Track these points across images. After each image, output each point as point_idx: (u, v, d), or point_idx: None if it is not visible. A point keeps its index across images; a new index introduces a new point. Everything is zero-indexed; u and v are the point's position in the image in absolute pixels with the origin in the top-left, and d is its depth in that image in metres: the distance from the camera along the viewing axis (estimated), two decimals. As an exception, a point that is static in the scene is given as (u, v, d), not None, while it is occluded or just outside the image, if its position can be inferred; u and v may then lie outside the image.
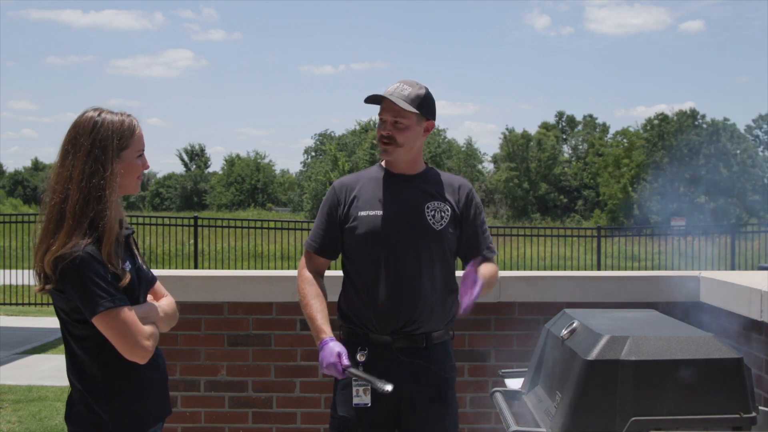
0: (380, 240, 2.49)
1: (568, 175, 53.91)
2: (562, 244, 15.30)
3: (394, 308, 2.46)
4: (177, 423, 3.43)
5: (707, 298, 3.35)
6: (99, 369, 2.03)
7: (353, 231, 2.52)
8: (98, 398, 2.03)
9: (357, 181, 2.62)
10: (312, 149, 65.59)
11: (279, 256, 15.38)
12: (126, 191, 2.12)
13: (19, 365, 7.47)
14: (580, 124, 59.35)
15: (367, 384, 2.42)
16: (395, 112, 2.48)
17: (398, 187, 2.56)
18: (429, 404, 2.50)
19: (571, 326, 2.07)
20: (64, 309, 2.02)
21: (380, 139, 2.54)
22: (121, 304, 1.97)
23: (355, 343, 2.51)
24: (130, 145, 2.08)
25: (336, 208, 2.58)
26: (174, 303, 2.29)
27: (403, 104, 2.46)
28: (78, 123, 2.06)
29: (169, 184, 69.25)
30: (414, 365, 2.48)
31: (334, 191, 2.61)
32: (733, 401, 1.81)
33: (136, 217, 15.29)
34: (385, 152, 2.53)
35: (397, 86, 2.52)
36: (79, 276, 1.93)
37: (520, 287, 3.43)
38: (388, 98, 2.48)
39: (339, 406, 2.52)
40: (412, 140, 2.52)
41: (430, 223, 2.50)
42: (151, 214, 38.96)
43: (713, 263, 14.18)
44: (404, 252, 2.48)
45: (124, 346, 1.98)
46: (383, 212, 2.51)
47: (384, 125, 2.52)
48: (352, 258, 2.57)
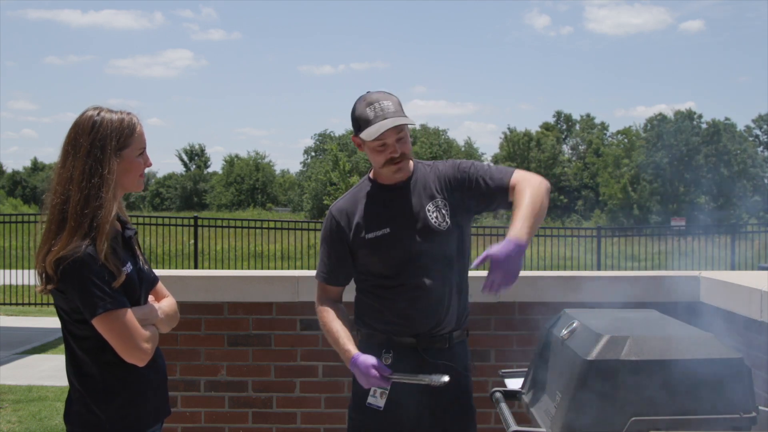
0: (394, 257, 2.44)
1: (568, 175, 53.89)
2: (562, 244, 15.30)
3: (418, 317, 2.43)
4: (177, 423, 3.43)
5: (707, 298, 3.35)
6: (98, 369, 2.03)
7: (366, 256, 2.48)
8: (97, 398, 2.03)
9: (353, 203, 2.53)
10: (312, 149, 65.62)
11: (279, 256, 15.38)
12: (128, 189, 2.11)
13: (19, 365, 7.47)
14: (578, 124, 59.30)
15: (386, 387, 2.38)
16: (398, 129, 2.38)
17: (395, 198, 2.50)
18: (452, 405, 2.47)
19: (571, 326, 2.07)
20: (65, 309, 2.02)
21: (390, 161, 2.42)
22: (121, 306, 1.96)
23: (378, 345, 2.47)
24: (131, 144, 2.07)
25: (340, 236, 2.51)
26: (175, 304, 2.29)
27: (406, 120, 2.38)
28: (78, 123, 2.05)
29: (169, 184, 69.26)
30: (438, 366, 2.44)
31: (334, 219, 2.53)
32: (733, 401, 1.81)
33: (136, 217, 15.28)
34: (400, 170, 2.44)
35: (382, 106, 2.38)
36: (79, 277, 1.93)
37: (520, 287, 3.43)
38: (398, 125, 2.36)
39: (358, 408, 2.48)
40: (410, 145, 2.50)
41: (435, 225, 2.46)
42: (151, 214, 38.97)
43: (713, 263, 14.18)
44: (420, 262, 2.44)
45: (122, 348, 1.98)
46: (390, 229, 2.45)
47: (388, 148, 2.40)
48: (368, 279, 2.52)
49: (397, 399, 2.41)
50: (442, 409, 2.47)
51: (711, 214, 39.06)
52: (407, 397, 2.42)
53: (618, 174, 46.64)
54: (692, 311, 3.38)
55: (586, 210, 50.99)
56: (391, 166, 2.43)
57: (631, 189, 44.73)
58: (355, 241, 2.49)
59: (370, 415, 2.43)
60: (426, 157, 45.42)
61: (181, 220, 15.11)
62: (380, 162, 2.43)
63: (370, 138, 2.35)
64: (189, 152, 70.83)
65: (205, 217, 16.54)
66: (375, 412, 2.42)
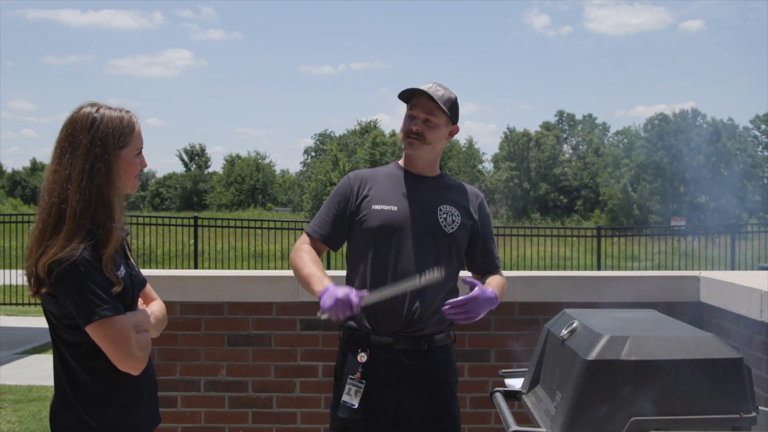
0: (390, 235, 2.48)
1: (568, 175, 53.90)
2: (562, 244, 15.30)
3: (397, 307, 2.45)
4: (177, 423, 3.43)
5: (707, 298, 3.35)
6: (90, 377, 1.95)
7: (363, 223, 2.51)
8: (89, 407, 1.94)
9: (373, 175, 2.63)
10: (312, 149, 65.63)
11: (279, 256, 15.38)
12: (124, 190, 2.03)
13: (19, 365, 7.47)
14: (580, 124, 59.32)
15: (361, 386, 2.41)
16: (429, 109, 2.49)
17: (414, 186, 2.57)
18: (429, 408, 2.49)
19: (571, 326, 2.07)
20: (55, 314, 1.94)
21: (408, 133, 2.53)
22: (117, 313, 1.88)
23: (355, 344, 2.50)
24: (129, 143, 1.99)
25: (348, 198, 2.56)
26: (164, 307, 2.22)
27: (440, 102, 2.48)
28: (75, 119, 1.96)
29: (169, 184, 69.22)
30: (415, 368, 2.47)
31: (349, 181, 2.60)
32: (733, 401, 1.81)
33: (136, 217, 15.29)
34: (411, 146, 2.52)
35: (433, 86, 2.53)
36: (75, 282, 1.84)
37: (520, 287, 3.43)
38: (423, 95, 2.48)
39: (339, 408, 2.50)
40: (438, 140, 2.54)
41: (441, 225, 2.51)
42: (151, 214, 38.94)
43: (713, 263, 14.18)
44: (412, 250, 2.48)
45: (117, 357, 1.90)
46: (397, 208, 2.51)
47: (415, 121, 2.51)
48: (359, 251, 2.55)
49: (376, 399, 2.44)
50: (420, 410, 2.48)
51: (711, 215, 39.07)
52: (385, 397, 2.44)
53: (618, 174, 46.66)
54: (692, 311, 3.39)
55: (586, 210, 51.00)
56: (407, 138, 2.53)
57: (631, 189, 44.75)
58: (359, 207, 2.53)
59: (349, 415, 2.45)
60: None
61: (181, 220, 15.12)
62: (402, 130, 2.56)
63: (401, 97, 2.54)
64: (189, 152, 70.80)
65: (205, 217, 16.55)
66: (352, 411, 2.44)
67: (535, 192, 52.05)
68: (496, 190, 51.76)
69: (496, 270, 2.69)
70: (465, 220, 2.57)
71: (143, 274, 2.18)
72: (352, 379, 2.44)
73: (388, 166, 2.69)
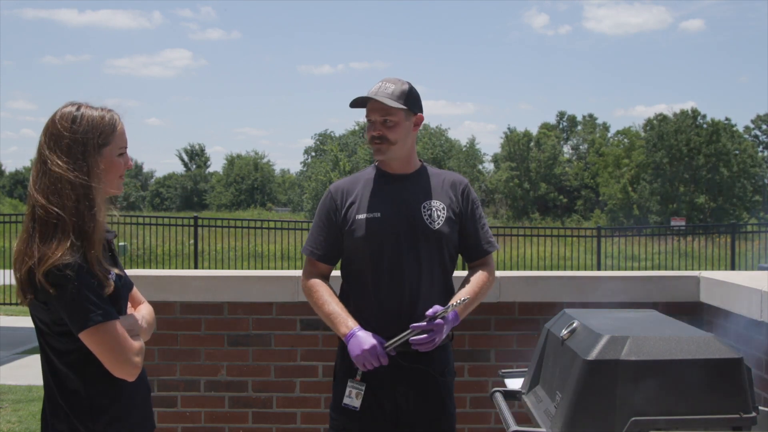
0: (380, 242, 2.49)
1: (569, 175, 53.88)
2: (562, 244, 15.30)
3: (395, 310, 2.46)
4: (177, 423, 3.43)
5: (707, 298, 3.35)
6: (83, 385, 1.89)
7: (352, 234, 2.52)
8: (83, 416, 1.89)
9: (353, 183, 2.62)
10: (312, 149, 65.60)
11: (279, 256, 15.38)
12: (108, 191, 1.97)
13: (19, 365, 7.47)
14: (580, 125, 59.31)
15: (361, 388, 2.44)
16: (383, 111, 2.49)
17: (394, 187, 2.57)
18: (427, 409, 2.50)
19: (571, 326, 2.07)
20: (45, 321, 1.88)
21: (372, 140, 2.54)
22: (111, 318, 1.84)
23: None
24: (111, 142, 1.94)
25: (334, 213, 2.57)
26: (152, 310, 2.17)
27: (389, 101, 2.47)
28: (56, 119, 1.91)
29: (169, 184, 69.25)
30: (413, 369, 2.48)
31: (330, 195, 2.61)
32: (733, 401, 1.81)
33: (136, 217, 15.30)
34: (379, 152, 2.53)
35: (380, 85, 2.52)
36: (68, 288, 1.79)
37: (520, 287, 3.43)
38: (373, 99, 2.48)
39: (338, 408, 2.52)
40: (403, 137, 2.52)
41: (426, 222, 2.51)
42: (151, 214, 38.91)
43: (713, 263, 14.20)
44: (404, 253, 2.49)
45: (113, 363, 1.86)
46: (381, 214, 2.51)
47: (373, 126, 2.52)
48: (353, 261, 2.57)
49: (374, 400, 2.45)
50: (418, 411, 2.49)
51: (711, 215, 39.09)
52: (384, 398, 2.46)
53: (618, 174, 46.64)
54: (692, 311, 3.39)
55: (586, 210, 50.99)
56: (373, 145, 2.56)
57: (631, 189, 44.72)
58: (345, 219, 2.54)
59: (349, 415, 2.47)
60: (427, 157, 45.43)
61: (181, 220, 15.13)
62: (367, 138, 2.59)
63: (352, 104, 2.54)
64: (189, 152, 70.82)
65: (205, 217, 16.55)
66: (352, 412, 2.45)
67: (535, 192, 52.00)
68: (496, 190, 51.74)
69: (486, 255, 2.65)
70: (450, 212, 2.56)
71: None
72: (352, 381, 2.45)
73: (366, 170, 2.68)
